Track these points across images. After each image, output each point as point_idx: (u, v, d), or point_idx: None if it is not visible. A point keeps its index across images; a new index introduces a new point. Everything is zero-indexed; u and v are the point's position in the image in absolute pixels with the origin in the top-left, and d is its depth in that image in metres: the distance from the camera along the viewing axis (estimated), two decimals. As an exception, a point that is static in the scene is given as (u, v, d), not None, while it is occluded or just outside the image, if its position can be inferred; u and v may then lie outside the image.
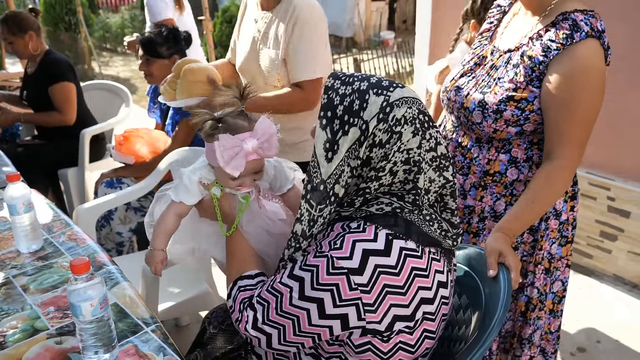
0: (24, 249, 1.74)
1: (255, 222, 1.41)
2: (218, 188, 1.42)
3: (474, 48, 1.79)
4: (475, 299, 1.38)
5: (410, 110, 1.12)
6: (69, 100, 3.36)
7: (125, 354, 1.27)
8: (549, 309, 1.75)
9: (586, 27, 1.45)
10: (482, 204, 1.69)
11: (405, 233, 1.14)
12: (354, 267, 1.10)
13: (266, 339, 1.20)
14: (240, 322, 1.23)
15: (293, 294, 1.15)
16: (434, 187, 1.18)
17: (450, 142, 1.78)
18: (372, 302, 1.11)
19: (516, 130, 1.58)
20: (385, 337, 1.15)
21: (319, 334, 1.16)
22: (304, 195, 1.18)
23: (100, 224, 2.73)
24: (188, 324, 2.78)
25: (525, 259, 1.70)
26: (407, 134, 1.12)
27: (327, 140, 1.14)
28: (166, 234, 1.47)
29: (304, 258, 1.17)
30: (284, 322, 1.17)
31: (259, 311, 1.20)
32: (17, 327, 1.38)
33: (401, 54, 9.84)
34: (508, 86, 1.56)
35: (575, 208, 1.71)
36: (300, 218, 1.18)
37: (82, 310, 1.16)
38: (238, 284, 1.31)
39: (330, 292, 1.11)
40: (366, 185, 1.16)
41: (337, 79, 1.18)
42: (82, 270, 1.17)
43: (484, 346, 1.22)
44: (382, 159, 1.13)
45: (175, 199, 1.44)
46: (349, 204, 1.19)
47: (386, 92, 1.13)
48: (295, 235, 1.20)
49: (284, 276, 1.19)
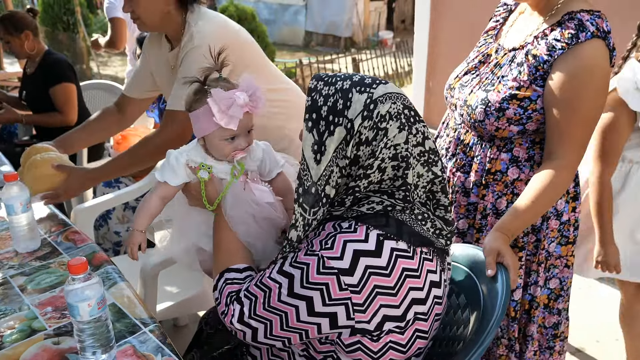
0: (21, 249, 1.74)
1: (240, 206, 1.38)
2: (205, 171, 1.41)
3: (478, 46, 1.79)
4: (474, 298, 1.37)
5: (394, 105, 1.13)
6: (70, 101, 3.37)
7: (123, 355, 1.26)
8: (544, 304, 1.75)
9: (592, 27, 1.45)
10: (484, 202, 1.69)
11: (396, 233, 1.14)
12: (345, 268, 1.10)
13: (252, 332, 1.20)
14: (226, 315, 1.23)
15: (282, 290, 1.15)
16: (422, 182, 1.18)
17: (452, 139, 1.78)
18: (362, 302, 1.11)
19: (518, 129, 1.57)
20: (375, 337, 1.15)
21: (306, 330, 1.16)
22: (297, 200, 1.17)
23: (98, 223, 2.72)
24: (186, 324, 2.78)
25: (529, 258, 1.70)
26: (393, 129, 1.12)
27: (314, 143, 1.14)
28: (149, 216, 1.46)
29: (295, 255, 1.17)
30: (271, 317, 1.17)
31: (246, 305, 1.20)
32: (14, 327, 1.37)
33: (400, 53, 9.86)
34: (511, 84, 1.56)
35: (577, 209, 1.70)
36: (295, 224, 1.17)
37: (80, 311, 1.16)
38: (225, 276, 1.30)
39: (319, 291, 1.11)
40: (356, 184, 1.16)
41: (320, 80, 1.18)
42: (80, 270, 1.16)
43: (482, 346, 1.22)
44: (369, 157, 1.13)
45: (160, 179, 1.42)
46: (339, 203, 1.19)
47: (369, 89, 1.13)
48: (290, 242, 1.19)
49: (273, 271, 1.18)
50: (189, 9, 1.97)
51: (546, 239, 1.67)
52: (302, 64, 7.74)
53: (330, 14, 13.04)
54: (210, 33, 1.90)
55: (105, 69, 10.37)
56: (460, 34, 3.56)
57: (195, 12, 1.97)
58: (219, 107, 1.30)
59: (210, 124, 1.33)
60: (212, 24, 1.95)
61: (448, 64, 3.74)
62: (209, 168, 1.41)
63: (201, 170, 1.41)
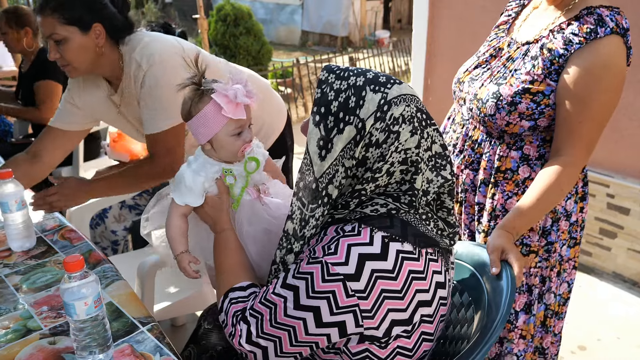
0: (16, 248, 1.71)
1: (257, 223, 1.39)
2: (231, 176, 1.40)
3: (489, 40, 1.75)
4: (478, 297, 1.35)
5: (408, 108, 1.09)
6: (50, 100, 3.33)
7: (121, 354, 1.24)
8: (555, 311, 1.72)
9: (611, 23, 1.42)
10: (493, 202, 1.65)
11: (401, 235, 1.10)
12: (350, 273, 1.06)
13: (262, 352, 1.16)
14: (234, 336, 1.18)
15: (287, 304, 1.11)
16: (432, 188, 1.15)
17: (460, 135, 1.75)
18: (370, 308, 1.08)
19: (529, 125, 1.54)
20: (383, 343, 1.12)
21: (316, 342, 1.12)
22: (296, 193, 1.15)
23: (95, 222, 2.69)
24: (184, 324, 2.75)
25: (540, 264, 1.66)
26: (405, 133, 1.08)
27: (320, 138, 1.10)
28: (181, 236, 1.43)
29: (297, 265, 1.13)
30: (279, 334, 1.13)
31: (253, 324, 1.15)
32: (9, 327, 1.35)
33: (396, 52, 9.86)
34: (525, 78, 1.52)
35: (584, 209, 1.67)
36: (292, 216, 1.15)
37: (76, 309, 1.13)
38: (229, 296, 1.26)
39: (326, 299, 1.07)
40: (362, 187, 1.12)
41: (331, 72, 1.13)
42: (76, 267, 1.13)
43: (487, 344, 1.20)
44: (378, 160, 1.09)
45: (181, 203, 1.39)
46: (343, 206, 1.16)
47: (383, 88, 1.09)
48: (286, 235, 1.17)
49: (277, 286, 1.14)
50: (120, 42, 1.89)
51: (558, 242, 1.64)
52: (299, 63, 7.71)
53: (326, 13, 13.03)
54: (158, 48, 1.85)
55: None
56: (458, 32, 3.54)
57: (129, 43, 1.89)
58: (227, 99, 1.30)
59: (219, 120, 1.32)
60: (152, 41, 1.89)
61: (446, 62, 3.74)
62: (231, 172, 1.40)
63: (227, 176, 1.40)
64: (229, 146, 1.37)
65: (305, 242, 1.16)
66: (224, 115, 1.31)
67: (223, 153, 1.39)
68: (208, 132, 1.35)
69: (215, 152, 1.40)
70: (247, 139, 1.38)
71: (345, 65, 1.17)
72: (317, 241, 1.15)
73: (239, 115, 1.32)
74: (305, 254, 1.14)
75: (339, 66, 1.15)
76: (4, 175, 1.64)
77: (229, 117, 1.31)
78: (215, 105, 1.31)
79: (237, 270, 1.31)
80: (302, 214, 1.14)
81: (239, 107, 1.32)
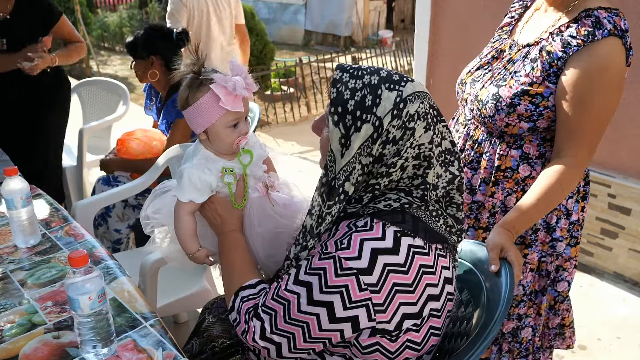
0: (21, 244, 1.73)
1: (267, 223, 1.39)
2: (230, 175, 1.40)
3: (492, 41, 1.77)
4: (477, 294, 1.37)
5: (422, 105, 1.11)
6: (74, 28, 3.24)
7: (124, 349, 1.25)
8: (550, 305, 1.74)
9: (609, 25, 1.43)
10: (493, 200, 1.67)
11: (413, 230, 1.12)
12: (363, 267, 1.08)
13: (276, 348, 1.17)
14: (247, 333, 1.19)
15: (301, 300, 1.12)
16: (441, 183, 1.17)
17: (462, 135, 1.76)
18: (382, 301, 1.09)
19: (529, 126, 1.56)
20: (394, 337, 1.14)
21: (329, 338, 1.14)
22: (318, 188, 1.16)
23: (98, 222, 2.71)
24: (186, 320, 2.77)
25: (545, 259, 1.68)
26: (420, 129, 1.11)
27: (341, 136, 1.12)
28: (191, 235, 1.43)
29: (309, 262, 1.14)
30: (293, 330, 1.14)
31: (266, 321, 1.16)
32: (14, 321, 1.37)
33: (399, 52, 9.85)
34: (524, 80, 1.54)
35: (585, 209, 1.69)
36: (312, 211, 1.17)
37: (81, 304, 1.15)
38: (240, 295, 1.26)
39: (339, 294, 1.09)
40: (376, 182, 1.14)
41: (344, 71, 1.15)
42: (81, 262, 1.15)
43: (486, 341, 1.21)
44: (394, 155, 1.11)
45: (184, 200, 1.39)
46: (356, 201, 1.17)
47: (398, 86, 1.11)
48: (304, 230, 1.18)
49: (289, 283, 1.16)
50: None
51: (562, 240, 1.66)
52: (302, 62, 7.72)
53: (329, 13, 13.02)
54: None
55: (105, 67, 10.37)
56: (461, 32, 3.55)
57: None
58: (225, 90, 1.30)
59: (216, 111, 1.32)
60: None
61: (448, 62, 3.74)
62: (232, 170, 1.40)
63: (226, 175, 1.40)
64: (225, 137, 1.37)
65: (318, 238, 1.18)
66: (221, 106, 1.31)
67: (218, 144, 1.39)
68: (204, 122, 1.35)
69: (210, 143, 1.40)
70: (242, 132, 1.38)
71: (357, 64, 1.18)
72: (328, 236, 1.17)
73: (237, 108, 1.32)
74: (316, 250, 1.16)
75: (352, 65, 1.17)
76: (9, 172, 1.66)
77: (227, 108, 1.32)
78: (213, 96, 1.31)
79: (247, 269, 1.33)
80: (320, 211, 1.15)
81: (237, 100, 1.32)
